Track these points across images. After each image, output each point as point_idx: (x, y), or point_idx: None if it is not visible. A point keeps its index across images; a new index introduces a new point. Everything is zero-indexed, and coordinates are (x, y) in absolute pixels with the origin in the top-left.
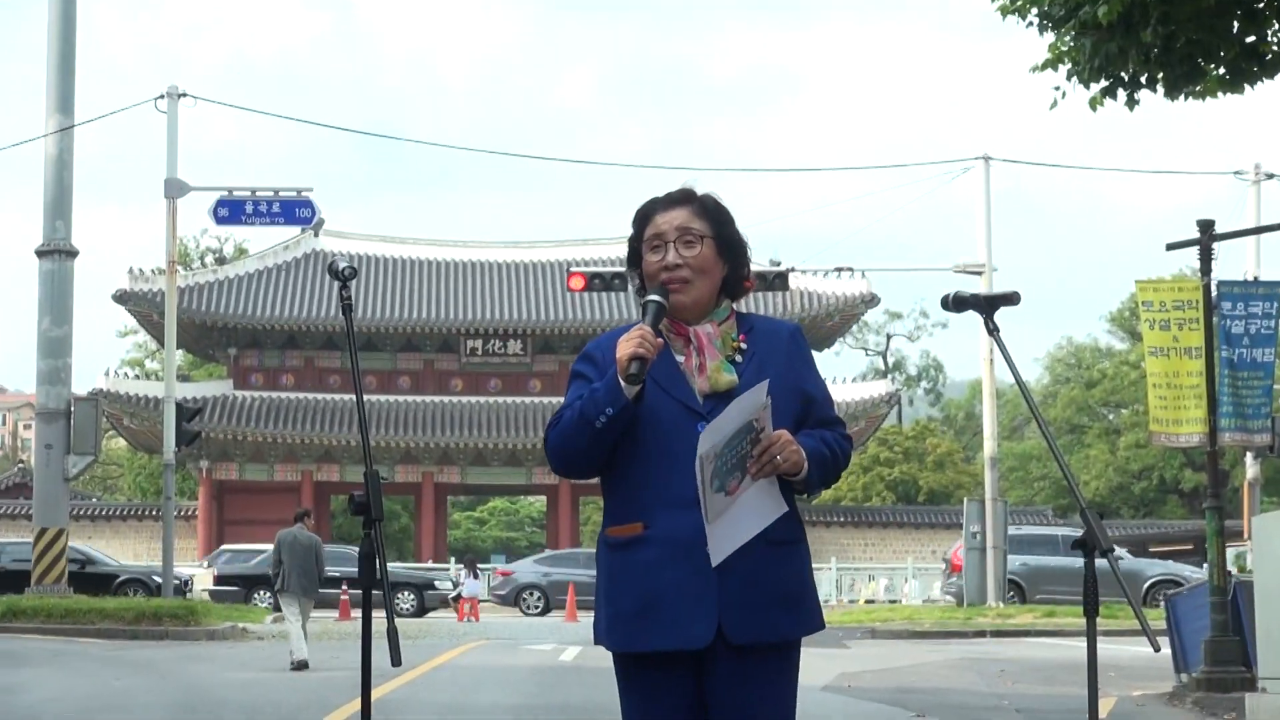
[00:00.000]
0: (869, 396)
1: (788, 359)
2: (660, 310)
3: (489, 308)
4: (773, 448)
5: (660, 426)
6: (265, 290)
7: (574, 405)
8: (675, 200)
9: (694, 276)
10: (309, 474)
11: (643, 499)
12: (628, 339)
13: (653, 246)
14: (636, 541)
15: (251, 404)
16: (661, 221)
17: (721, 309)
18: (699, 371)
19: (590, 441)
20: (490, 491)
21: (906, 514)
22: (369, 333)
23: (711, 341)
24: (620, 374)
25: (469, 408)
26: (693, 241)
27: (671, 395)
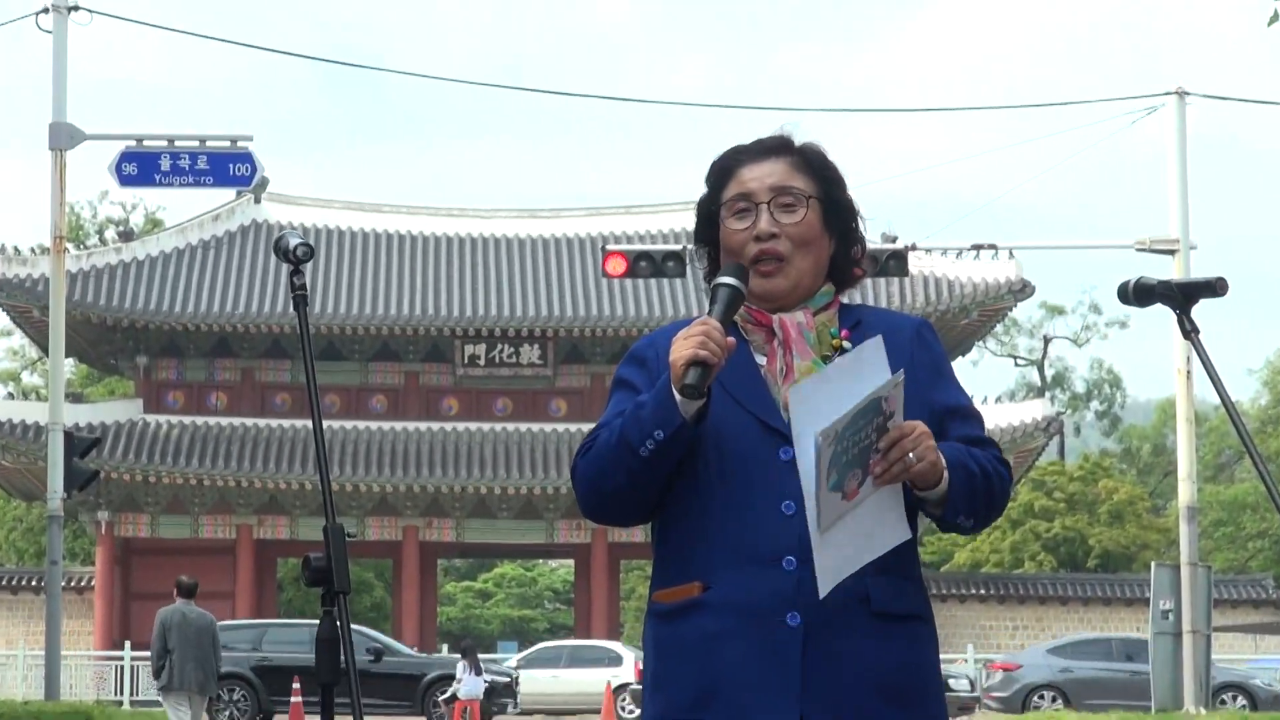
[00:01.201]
0: (1019, 423)
1: (911, 364)
2: (735, 297)
3: (495, 300)
4: (905, 440)
5: (729, 451)
6: (188, 276)
7: (613, 425)
8: (769, 149)
9: (793, 252)
10: (247, 529)
11: (703, 551)
12: (686, 335)
13: (737, 210)
14: (692, 608)
15: (169, 433)
16: (750, 177)
17: (822, 293)
18: (784, 376)
19: (633, 475)
20: (497, 553)
21: (1071, 585)
22: (330, 335)
23: (802, 334)
24: (674, 384)
25: (467, 438)
26: (793, 205)
27: (745, 408)
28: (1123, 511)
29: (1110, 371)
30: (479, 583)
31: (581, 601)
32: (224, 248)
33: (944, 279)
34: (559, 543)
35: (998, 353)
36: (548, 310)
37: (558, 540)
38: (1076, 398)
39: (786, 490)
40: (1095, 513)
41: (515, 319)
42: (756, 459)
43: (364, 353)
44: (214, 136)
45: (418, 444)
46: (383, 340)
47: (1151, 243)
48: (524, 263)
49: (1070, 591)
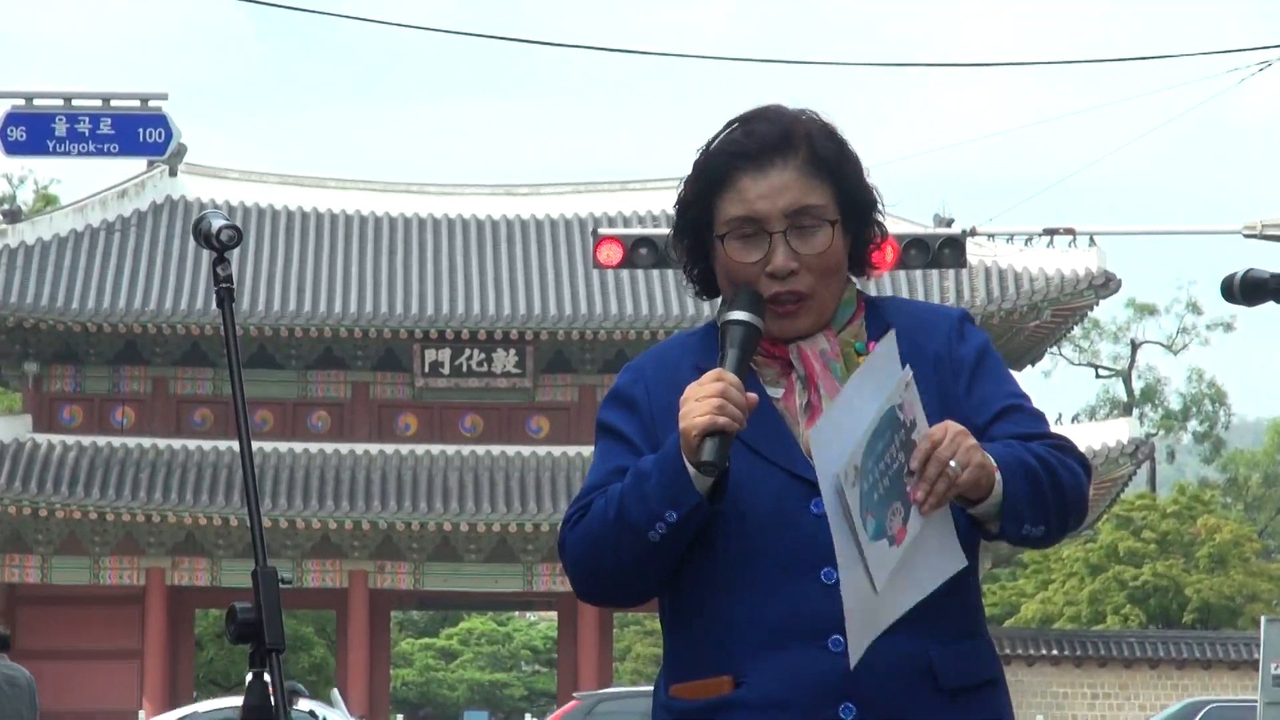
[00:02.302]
0: (1100, 446)
1: (952, 367)
2: (752, 338)
3: (462, 295)
4: (939, 449)
5: (750, 512)
6: (87, 264)
7: (610, 493)
8: (770, 149)
9: (815, 285)
10: (159, 574)
11: (730, 636)
12: (698, 395)
13: (743, 235)
14: (724, 708)
15: (63, 456)
16: (756, 195)
17: (844, 304)
18: (807, 415)
19: (640, 561)
20: (463, 605)
21: (1163, 644)
22: (261, 337)
23: (828, 367)
24: (687, 454)
25: (428, 463)
26: (813, 230)
27: (765, 458)
28: (1226, 555)
29: (1212, 384)
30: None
31: (566, 663)
32: (132, 230)
33: (1009, 271)
34: (539, 591)
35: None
36: (526, 308)
37: (537, 588)
38: (1171, 416)
39: (825, 554)
40: (1193, 557)
41: (486, 318)
42: (783, 519)
43: (303, 359)
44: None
45: (368, 470)
46: (325, 344)
47: (1263, 228)
48: (497, 250)
49: (1162, 652)
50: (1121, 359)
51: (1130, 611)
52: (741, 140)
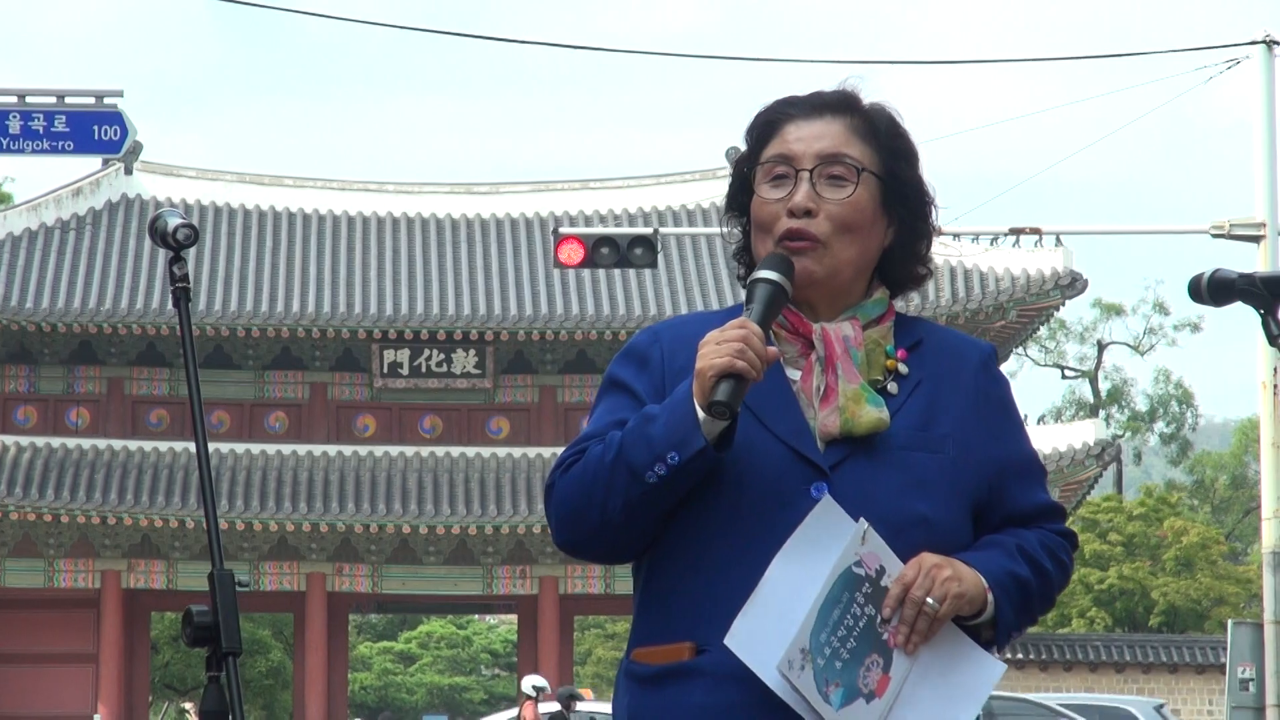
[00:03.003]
0: (1066, 448)
1: (976, 401)
2: (777, 296)
3: (421, 295)
4: (913, 591)
5: (748, 482)
6: (41, 263)
7: (609, 438)
8: (826, 105)
9: (832, 235)
10: (114, 576)
11: (696, 604)
12: (718, 339)
13: (773, 175)
14: (681, 674)
15: (17, 457)
16: (795, 137)
17: (875, 301)
18: (823, 397)
19: (631, 506)
20: (422, 607)
21: (1130, 647)
22: (218, 337)
23: (849, 352)
24: (698, 397)
25: (386, 464)
26: (843, 178)
27: (772, 431)
28: (1193, 558)
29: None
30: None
31: (526, 666)
32: (87, 229)
33: (975, 270)
34: (499, 594)
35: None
36: (486, 308)
37: (497, 591)
38: (1137, 418)
39: None
40: (1159, 559)
41: (446, 318)
42: (780, 494)
43: (260, 359)
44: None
45: (325, 472)
46: (283, 344)
47: (1231, 227)
48: (457, 249)
49: (1128, 656)
50: (1088, 360)
51: (1096, 614)
52: (799, 95)
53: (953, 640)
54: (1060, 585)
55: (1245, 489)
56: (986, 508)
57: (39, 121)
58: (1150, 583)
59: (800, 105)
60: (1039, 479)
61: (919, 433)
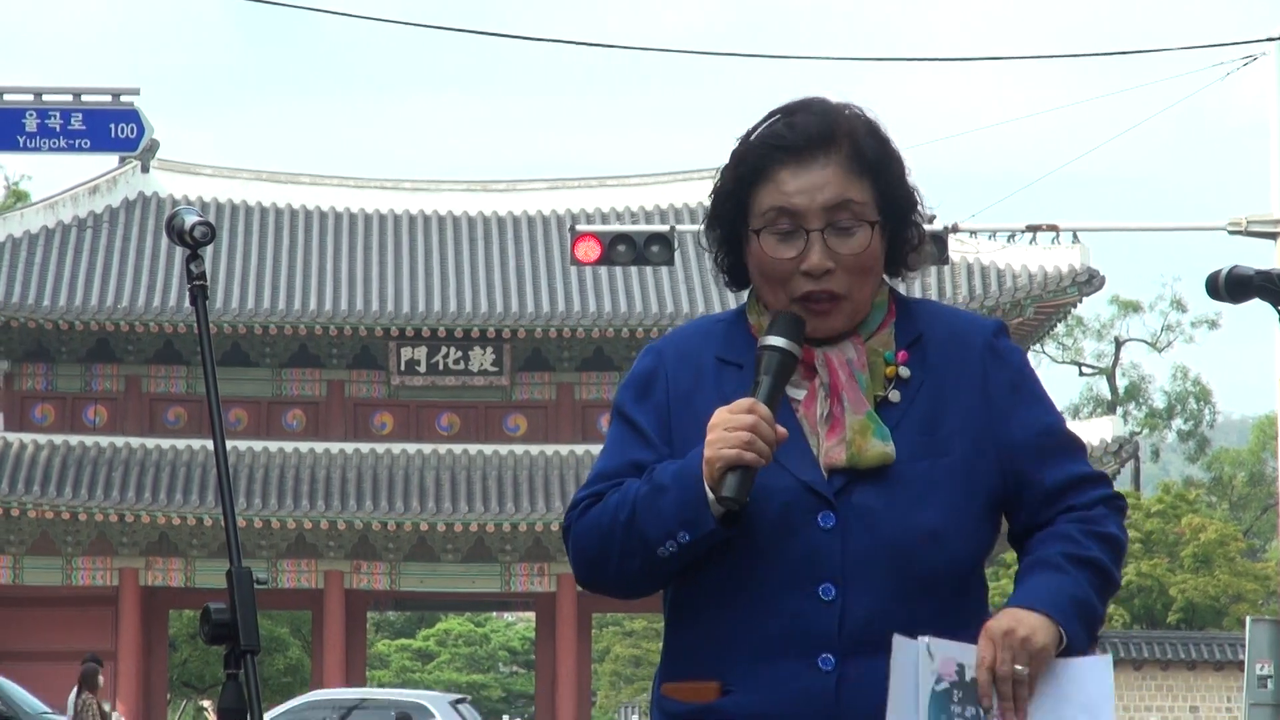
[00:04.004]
0: (1085, 444)
1: (983, 387)
2: (788, 366)
3: (439, 292)
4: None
5: (758, 516)
6: (59, 261)
7: (625, 491)
8: (814, 143)
9: (850, 284)
10: (132, 574)
11: (719, 639)
12: (726, 425)
13: (780, 231)
14: (708, 714)
15: (35, 455)
16: (795, 189)
17: (876, 306)
18: (829, 427)
19: (645, 567)
20: (441, 605)
21: (1148, 644)
22: (235, 335)
23: (854, 377)
24: (709, 482)
25: (404, 462)
26: (851, 229)
27: (781, 464)
28: (1211, 555)
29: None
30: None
31: (544, 664)
32: (104, 227)
33: (992, 267)
34: (516, 591)
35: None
36: (503, 305)
37: (515, 589)
38: (1155, 414)
39: (824, 570)
40: (1177, 556)
41: (463, 316)
42: (790, 528)
43: (277, 357)
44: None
45: (343, 470)
46: (300, 342)
47: (1248, 224)
48: (474, 247)
49: (1146, 653)
50: (1105, 356)
51: (1114, 611)
52: (783, 132)
53: (1050, 672)
54: (1117, 562)
55: (1263, 485)
56: (1019, 491)
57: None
58: (1168, 580)
59: (787, 148)
60: (1068, 450)
61: (923, 439)
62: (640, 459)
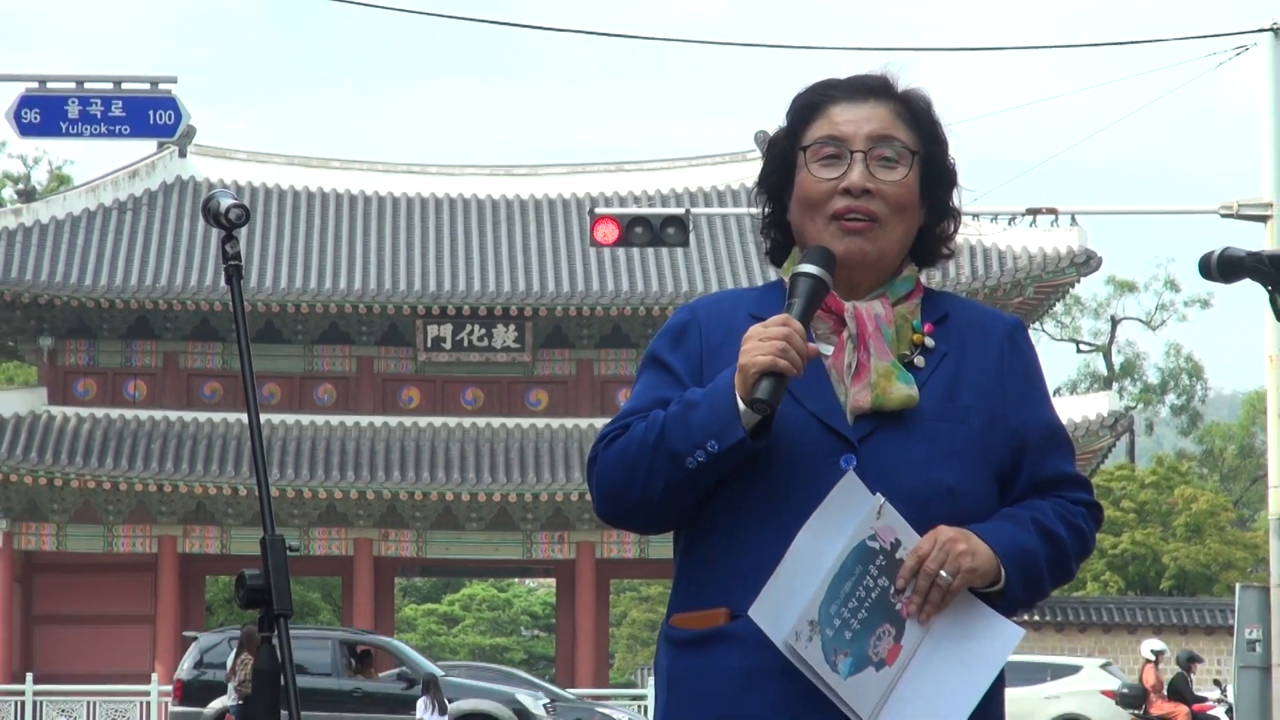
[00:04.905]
0: (1081, 419)
1: (1000, 372)
2: (818, 291)
3: (463, 272)
4: (927, 564)
5: (780, 455)
6: (100, 242)
7: (652, 418)
8: (869, 89)
9: (889, 215)
10: (170, 541)
11: (731, 572)
12: (761, 335)
13: (824, 156)
14: (717, 639)
15: (78, 427)
16: (844, 119)
17: (903, 278)
18: (854, 374)
19: (671, 487)
20: (465, 571)
21: (1142, 610)
22: (269, 313)
23: (880, 330)
24: (740, 391)
25: (430, 435)
26: (894, 160)
27: (803, 405)
28: (1203, 524)
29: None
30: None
31: (564, 628)
32: (143, 209)
33: (993, 249)
34: (538, 559)
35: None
36: (525, 285)
37: (536, 556)
38: (1149, 390)
39: None
40: (1170, 525)
41: (487, 295)
42: (810, 466)
43: (309, 334)
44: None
45: (372, 442)
46: (331, 320)
47: (1239, 207)
48: (497, 229)
49: (1140, 618)
50: (1102, 334)
51: (1110, 578)
52: (841, 79)
53: (969, 608)
54: (1079, 554)
55: (1252, 458)
56: (1011, 477)
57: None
58: (1161, 548)
59: (843, 88)
60: (1062, 450)
61: (945, 404)
62: (669, 397)
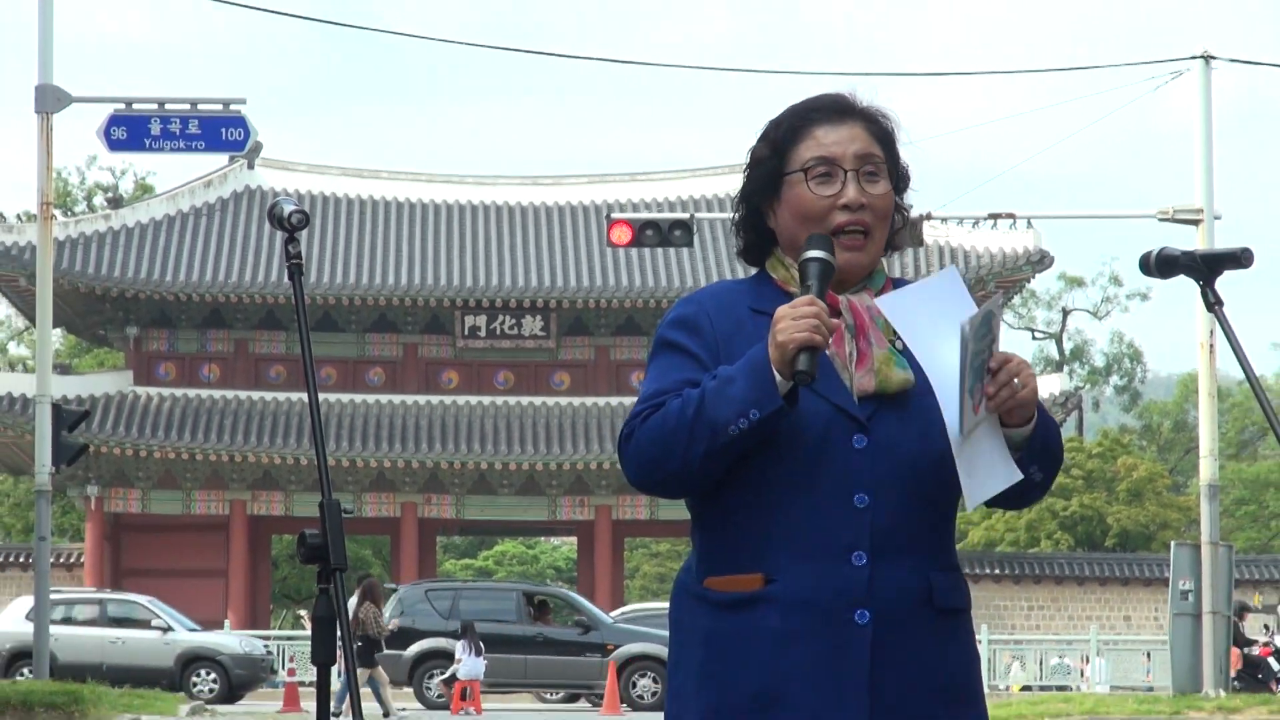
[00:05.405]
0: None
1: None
2: (828, 272)
3: (496, 270)
4: (1011, 364)
5: (801, 437)
6: (179, 244)
7: (687, 395)
8: (844, 111)
9: (876, 224)
10: (240, 505)
11: (767, 540)
12: (794, 315)
13: (818, 175)
14: (756, 601)
15: (159, 405)
16: (831, 140)
17: (879, 272)
18: (856, 361)
19: (710, 454)
20: (497, 531)
21: (1089, 564)
22: (326, 305)
23: (874, 320)
24: (778, 365)
25: (467, 412)
26: (876, 176)
27: (818, 392)
28: (1142, 489)
29: (1131, 345)
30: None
31: (584, 579)
32: (216, 215)
33: (960, 249)
34: (561, 520)
35: (1015, 325)
36: (550, 280)
37: (560, 517)
38: (1096, 372)
39: (859, 481)
40: (1114, 491)
41: (517, 289)
42: (829, 446)
43: (361, 324)
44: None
45: (416, 418)
46: (380, 311)
47: (1175, 213)
48: (526, 231)
49: (1087, 571)
50: (1054, 324)
51: (1061, 537)
52: (818, 102)
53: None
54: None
55: (1185, 432)
56: None
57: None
58: (1106, 510)
59: (824, 111)
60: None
61: (925, 381)
62: (694, 378)
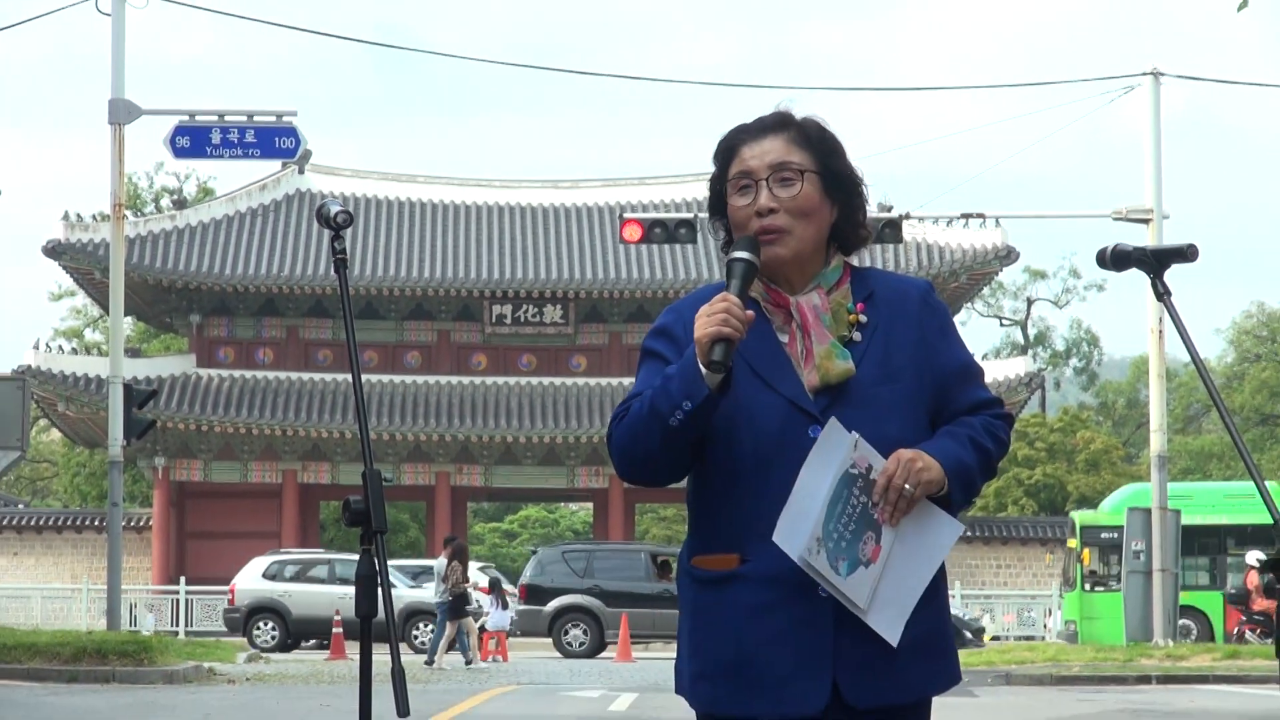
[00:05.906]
0: (1004, 377)
1: (920, 330)
2: (749, 270)
3: (520, 264)
4: (894, 481)
5: (761, 431)
6: (237, 241)
7: (644, 396)
8: (767, 127)
9: (792, 223)
10: (292, 474)
11: (737, 524)
12: (708, 312)
13: (740, 188)
14: (732, 579)
15: (219, 385)
16: (750, 156)
17: (832, 269)
18: (804, 359)
19: (664, 443)
20: (522, 497)
21: (1050, 528)
22: (368, 295)
23: (819, 318)
24: (700, 359)
25: (494, 391)
26: (790, 179)
27: (774, 390)
28: (1098, 460)
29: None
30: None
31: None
32: (270, 215)
33: (935, 245)
34: (579, 487)
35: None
36: (569, 273)
37: (578, 485)
38: (1057, 355)
39: None
40: (1073, 461)
41: (539, 281)
42: (786, 439)
43: (399, 312)
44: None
45: (449, 396)
46: (417, 301)
47: (1128, 212)
48: (547, 229)
49: (1049, 534)
50: (1019, 312)
51: (1025, 502)
52: (748, 123)
53: (923, 510)
54: (999, 456)
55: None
56: (942, 407)
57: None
58: (1066, 479)
59: (749, 131)
60: (977, 379)
61: (882, 369)
62: None
